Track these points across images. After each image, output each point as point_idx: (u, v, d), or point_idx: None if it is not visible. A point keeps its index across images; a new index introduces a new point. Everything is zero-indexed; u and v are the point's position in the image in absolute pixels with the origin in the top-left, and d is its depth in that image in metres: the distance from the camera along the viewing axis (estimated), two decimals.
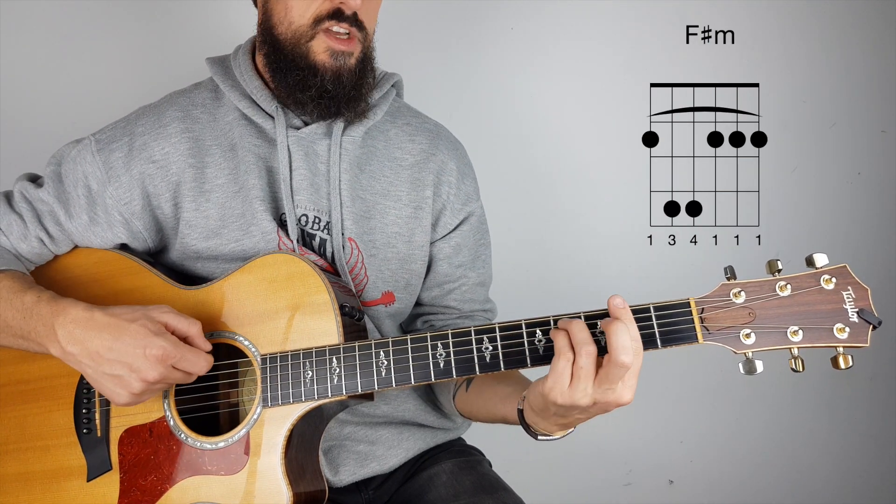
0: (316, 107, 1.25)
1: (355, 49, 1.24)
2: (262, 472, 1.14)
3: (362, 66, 1.26)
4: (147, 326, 1.10)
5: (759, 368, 0.99)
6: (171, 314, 1.14)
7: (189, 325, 1.14)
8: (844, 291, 0.98)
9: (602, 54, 1.92)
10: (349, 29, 1.22)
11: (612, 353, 0.97)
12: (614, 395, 1.00)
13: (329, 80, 1.23)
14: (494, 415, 1.27)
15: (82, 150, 1.29)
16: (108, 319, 1.11)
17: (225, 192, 1.28)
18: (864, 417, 2.02)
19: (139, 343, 1.09)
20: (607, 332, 0.97)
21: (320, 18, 1.21)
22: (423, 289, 1.43)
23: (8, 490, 1.24)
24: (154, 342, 1.09)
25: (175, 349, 1.10)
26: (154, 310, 1.14)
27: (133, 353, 1.09)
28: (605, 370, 0.98)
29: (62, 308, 1.14)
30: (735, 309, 1.00)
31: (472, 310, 1.45)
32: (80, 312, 1.13)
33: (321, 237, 1.30)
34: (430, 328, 1.45)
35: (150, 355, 1.08)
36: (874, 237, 1.97)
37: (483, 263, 1.45)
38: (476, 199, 1.44)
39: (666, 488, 2.03)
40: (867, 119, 1.95)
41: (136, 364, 1.09)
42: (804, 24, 1.93)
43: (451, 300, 1.43)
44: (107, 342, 1.10)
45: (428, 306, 1.45)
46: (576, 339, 0.99)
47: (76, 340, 1.12)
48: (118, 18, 1.80)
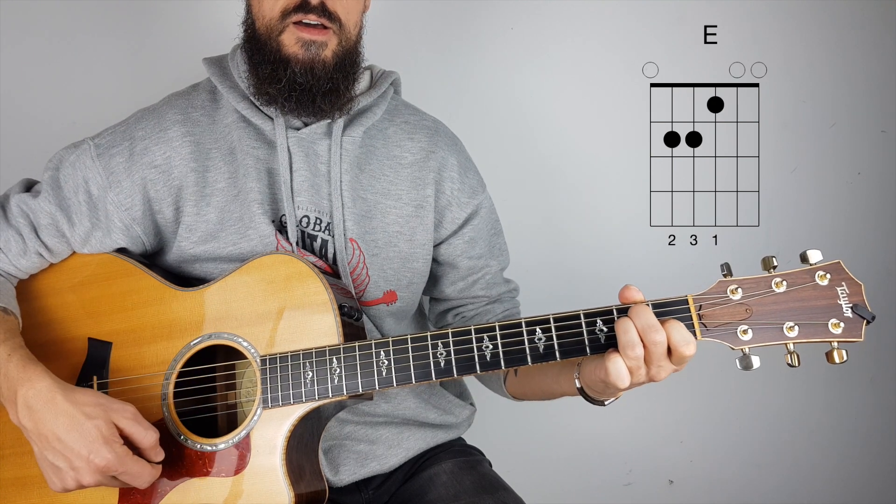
0: (287, 100, 1.24)
1: (329, 40, 1.23)
2: (262, 473, 1.14)
3: (340, 59, 1.25)
4: (101, 429, 1.08)
5: (755, 364, 0.99)
6: (130, 420, 1.11)
7: (145, 434, 1.11)
8: (838, 287, 0.99)
9: (602, 54, 1.92)
10: (319, 19, 1.22)
11: (677, 349, 0.99)
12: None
13: (300, 72, 1.22)
14: (552, 394, 1.29)
15: (81, 154, 1.28)
16: (67, 407, 1.09)
17: (225, 195, 1.28)
18: (864, 417, 2.02)
19: (86, 446, 1.07)
20: (666, 330, 1.00)
21: (287, 11, 1.21)
22: (448, 284, 1.44)
23: (5, 495, 1.24)
24: (100, 451, 1.07)
25: (118, 462, 1.08)
26: (116, 412, 1.11)
27: (77, 454, 1.08)
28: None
29: (28, 377, 1.12)
30: (732, 305, 1.01)
31: (499, 293, 1.46)
32: (44, 390, 1.11)
33: (322, 238, 1.30)
34: (461, 320, 1.46)
35: (92, 462, 1.07)
36: (874, 237, 1.97)
37: (500, 251, 1.47)
38: (482, 190, 1.45)
39: (666, 488, 2.03)
40: (867, 119, 1.95)
41: (77, 464, 1.08)
42: (804, 25, 1.93)
43: (477, 290, 1.44)
44: (58, 431, 1.08)
45: (456, 299, 1.46)
46: (650, 339, 1.01)
47: (32, 417, 1.10)
48: (117, 18, 1.81)
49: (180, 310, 1.22)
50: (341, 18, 1.24)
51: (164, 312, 1.23)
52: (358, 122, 1.34)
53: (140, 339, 1.24)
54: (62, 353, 1.26)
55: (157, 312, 1.24)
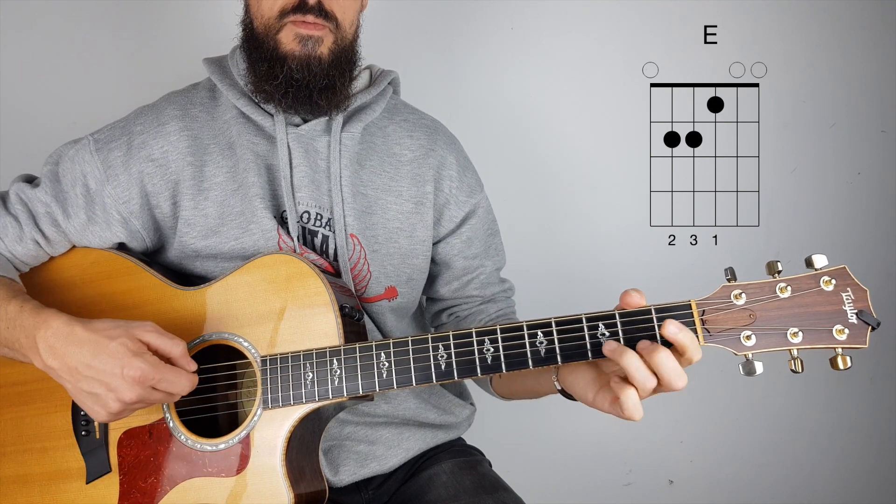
0: (284, 97, 1.25)
1: (325, 37, 1.24)
2: (262, 474, 1.14)
3: (336, 56, 1.26)
4: (127, 345, 1.07)
5: (758, 370, 0.98)
6: (153, 333, 1.10)
7: (172, 344, 1.10)
8: (844, 293, 0.98)
9: (602, 54, 1.92)
10: (315, 19, 1.23)
11: (667, 382, 1.00)
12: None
13: (296, 68, 1.23)
14: (536, 393, 1.29)
15: (80, 149, 1.29)
16: (89, 335, 1.09)
17: (224, 190, 1.28)
18: (864, 418, 2.02)
19: (117, 363, 1.06)
20: (654, 365, 0.99)
21: (285, 11, 1.22)
22: (442, 284, 1.45)
23: (6, 492, 1.24)
24: (132, 363, 1.06)
25: (154, 371, 1.07)
26: (137, 327, 1.10)
27: (111, 373, 1.06)
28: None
29: (44, 320, 1.12)
30: (736, 311, 1.00)
31: (493, 293, 1.46)
32: (62, 326, 1.10)
33: (323, 234, 1.31)
34: (455, 319, 1.47)
35: (127, 376, 1.05)
36: (874, 237, 1.97)
37: (496, 251, 1.48)
38: (480, 189, 1.45)
39: (666, 488, 2.03)
40: (867, 119, 1.95)
41: (114, 384, 1.06)
42: (804, 25, 1.93)
43: (471, 289, 1.44)
44: (85, 359, 1.07)
45: (450, 299, 1.46)
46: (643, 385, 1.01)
47: (56, 354, 1.10)
48: (117, 18, 1.81)
49: (181, 309, 1.22)
50: (338, 18, 1.25)
51: (165, 311, 1.23)
52: (357, 118, 1.34)
53: None
54: None
55: (158, 311, 1.23)
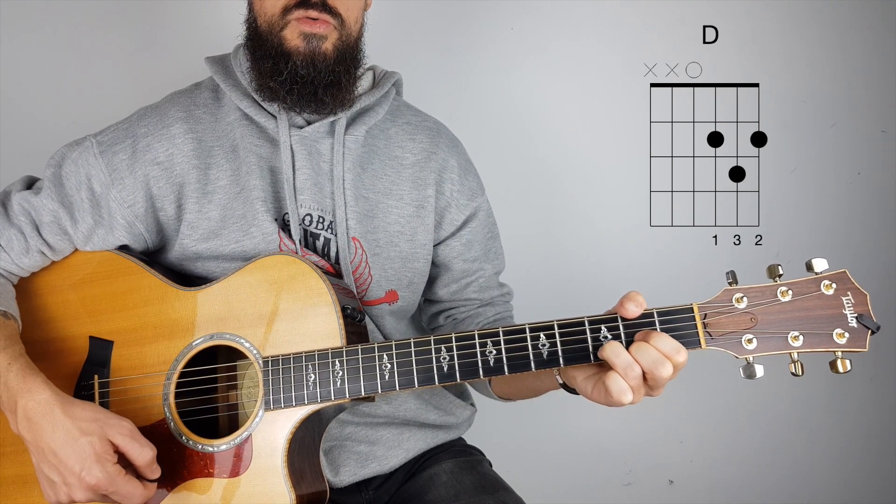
0: (288, 94, 1.25)
1: (329, 33, 1.24)
2: (264, 475, 1.14)
3: (340, 53, 1.26)
4: (94, 447, 1.08)
5: (759, 373, 0.99)
6: (126, 437, 1.11)
7: (141, 453, 1.11)
8: (844, 297, 0.98)
9: (602, 54, 1.92)
10: (319, 15, 1.23)
11: (648, 369, 1.00)
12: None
13: (301, 64, 1.23)
14: (536, 391, 1.29)
15: (83, 151, 1.28)
16: (64, 421, 1.09)
17: (227, 193, 1.28)
18: (864, 418, 2.02)
19: (78, 463, 1.07)
20: (634, 353, 1.00)
21: (289, 8, 1.23)
22: (441, 286, 1.44)
23: (6, 493, 1.24)
24: (92, 469, 1.07)
25: (108, 482, 1.08)
26: (113, 427, 1.11)
27: (70, 470, 1.08)
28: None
29: (28, 387, 1.12)
30: (737, 314, 1.00)
31: (492, 297, 1.46)
32: (45, 400, 1.11)
33: (325, 237, 1.30)
34: (452, 322, 1.46)
35: (83, 479, 1.07)
36: (874, 237, 1.97)
37: (496, 255, 1.48)
38: (481, 193, 1.45)
39: (666, 488, 2.03)
40: (867, 119, 1.95)
41: (70, 480, 1.08)
42: (804, 24, 1.93)
43: (469, 292, 1.44)
44: (54, 445, 1.09)
45: (448, 301, 1.46)
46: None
47: (31, 429, 1.10)
48: (119, 18, 1.80)
49: (182, 309, 1.22)
50: (342, 14, 1.25)
51: (166, 312, 1.23)
52: (360, 121, 1.34)
53: (141, 338, 1.23)
54: (63, 352, 1.26)
55: (159, 312, 1.23)
